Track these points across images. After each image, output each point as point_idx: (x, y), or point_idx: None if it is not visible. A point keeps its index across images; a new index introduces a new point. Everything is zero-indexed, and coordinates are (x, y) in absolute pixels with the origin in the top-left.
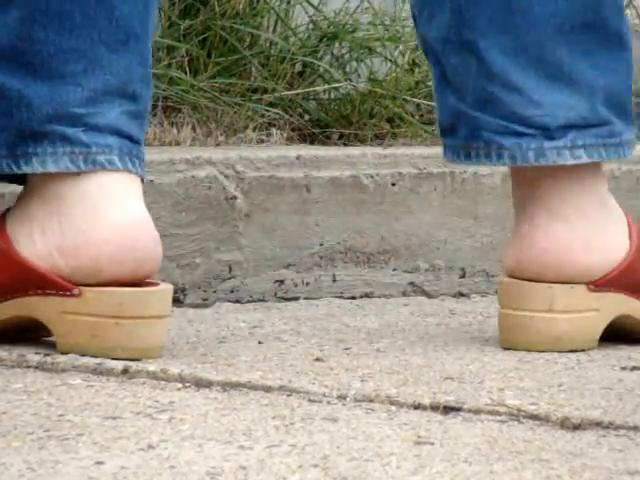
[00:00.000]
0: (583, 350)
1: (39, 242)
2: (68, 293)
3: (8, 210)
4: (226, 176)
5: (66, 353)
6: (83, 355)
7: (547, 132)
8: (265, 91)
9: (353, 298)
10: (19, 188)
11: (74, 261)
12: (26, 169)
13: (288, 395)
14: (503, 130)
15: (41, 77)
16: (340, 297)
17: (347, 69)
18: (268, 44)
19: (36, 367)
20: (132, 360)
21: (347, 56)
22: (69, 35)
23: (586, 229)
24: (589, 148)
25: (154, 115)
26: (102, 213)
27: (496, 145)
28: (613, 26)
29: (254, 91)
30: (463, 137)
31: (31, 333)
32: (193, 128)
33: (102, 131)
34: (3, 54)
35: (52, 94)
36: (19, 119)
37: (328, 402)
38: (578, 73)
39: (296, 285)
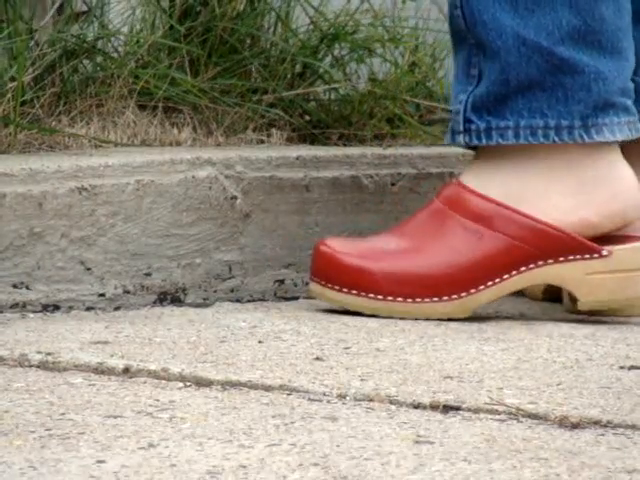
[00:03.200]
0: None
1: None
2: (596, 255)
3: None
4: (226, 176)
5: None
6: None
7: None
8: (265, 92)
9: None
10: (20, 188)
11: (606, 210)
12: (597, 138)
13: (288, 394)
14: None
15: (609, 53)
16: None
17: (347, 70)
18: (268, 45)
19: (37, 366)
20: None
21: (347, 57)
22: (620, 14)
23: None
24: None
25: (154, 115)
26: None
27: None
28: None
29: (254, 92)
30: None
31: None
32: (194, 128)
33: (631, 104)
34: (577, 33)
35: (617, 69)
36: (596, 92)
37: (328, 401)
38: None
39: (296, 285)
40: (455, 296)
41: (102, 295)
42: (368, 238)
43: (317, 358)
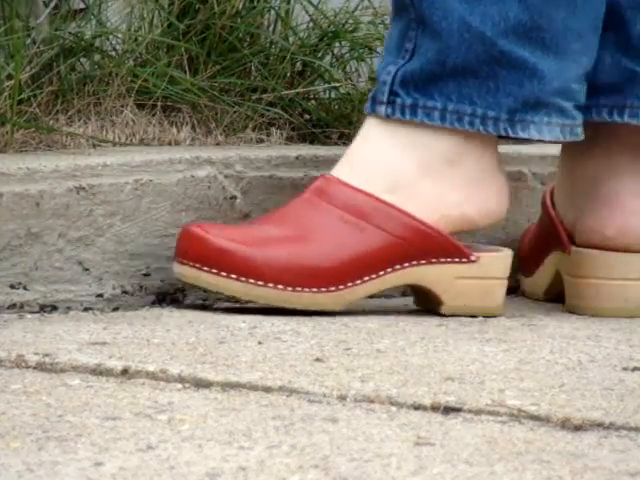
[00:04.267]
0: None
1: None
2: (465, 260)
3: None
4: (226, 176)
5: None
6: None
7: None
8: (265, 91)
9: None
10: (17, 188)
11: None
12: (522, 134)
13: (288, 395)
14: None
15: (552, 53)
16: None
17: (347, 68)
18: (268, 43)
19: (35, 367)
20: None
21: (347, 55)
22: (575, 16)
23: None
24: None
25: (153, 114)
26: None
27: None
28: None
29: (254, 90)
30: (630, 96)
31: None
32: (193, 127)
33: (580, 108)
34: (521, 28)
35: (559, 69)
36: (529, 89)
37: (328, 402)
38: None
39: None
40: (333, 288)
41: (100, 296)
42: (239, 225)
43: (317, 359)
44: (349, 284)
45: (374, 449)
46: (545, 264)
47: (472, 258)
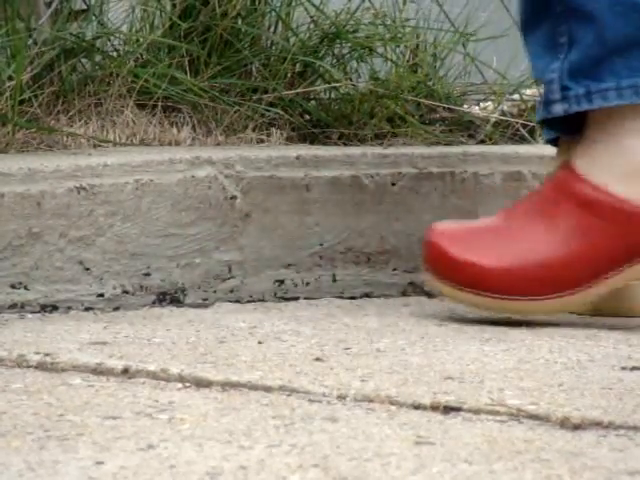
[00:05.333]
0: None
1: None
2: None
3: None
4: (226, 176)
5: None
6: None
7: None
8: (265, 91)
9: (353, 298)
10: (18, 188)
11: None
12: None
13: (288, 395)
14: None
15: None
16: (340, 297)
17: (348, 69)
18: (269, 44)
19: (36, 367)
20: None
21: (348, 56)
22: None
23: None
24: None
25: (154, 115)
26: None
27: None
28: None
29: (254, 91)
30: None
31: None
32: (193, 128)
33: None
34: None
35: None
36: None
37: (328, 402)
38: None
39: (296, 285)
40: (573, 290)
41: (101, 295)
42: (478, 224)
43: (317, 359)
44: (584, 285)
45: (374, 448)
46: None
47: None
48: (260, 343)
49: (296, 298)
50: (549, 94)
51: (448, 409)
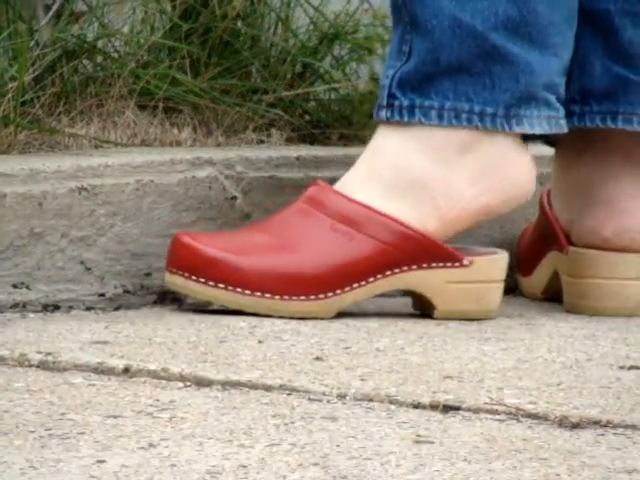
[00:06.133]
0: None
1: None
2: (457, 264)
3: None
4: (226, 176)
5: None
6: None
7: None
8: (265, 92)
9: None
10: (20, 189)
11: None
12: (517, 129)
13: (288, 394)
14: None
15: (538, 47)
16: None
17: (347, 70)
18: (269, 45)
19: (37, 366)
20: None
21: (347, 57)
22: (553, 9)
23: None
24: None
25: (154, 116)
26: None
27: None
28: None
29: (254, 92)
30: (623, 102)
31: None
32: (194, 128)
33: (562, 101)
34: (511, 23)
35: (544, 63)
36: (523, 83)
37: (328, 401)
38: None
39: None
40: (322, 296)
41: (102, 295)
42: (229, 233)
43: (317, 358)
44: (338, 291)
45: (373, 447)
46: (543, 264)
47: (465, 262)
48: (260, 342)
49: None
50: (380, 98)
51: (447, 408)
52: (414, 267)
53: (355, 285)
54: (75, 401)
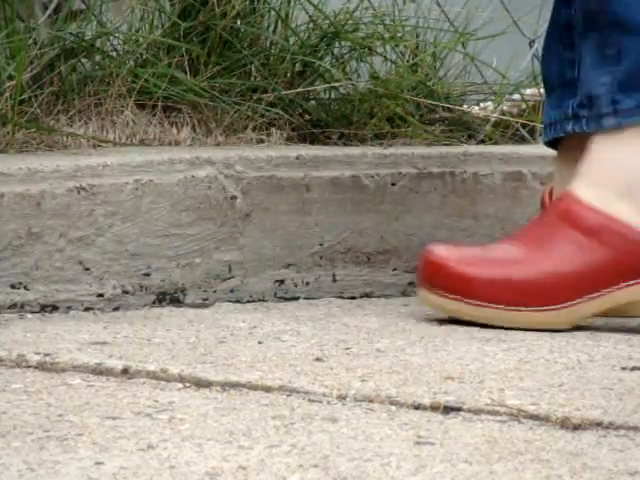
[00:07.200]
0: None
1: None
2: None
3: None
4: (226, 176)
5: None
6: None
7: None
8: (265, 91)
9: (353, 298)
10: (18, 188)
11: None
12: None
13: (288, 395)
14: None
15: None
16: (340, 297)
17: (347, 69)
18: (268, 44)
19: (36, 367)
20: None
21: (347, 56)
22: None
23: None
24: None
25: (153, 115)
26: None
27: None
28: None
29: (254, 91)
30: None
31: None
32: (193, 128)
33: None
34: None
35: None
36: None
37: (328, 402)
38: None
39: (296, 285)
40: (558, 305)
41: (101, 295)
42: (477, 246)
43: (317, 359)
44: (576, 301)
45: (374, 448)
46: None
47: None
48: (260, 343)
49: (296, 298)
50: (598, 108)
51: (448, 409)
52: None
53: (594, 295)
54: (73, 402)
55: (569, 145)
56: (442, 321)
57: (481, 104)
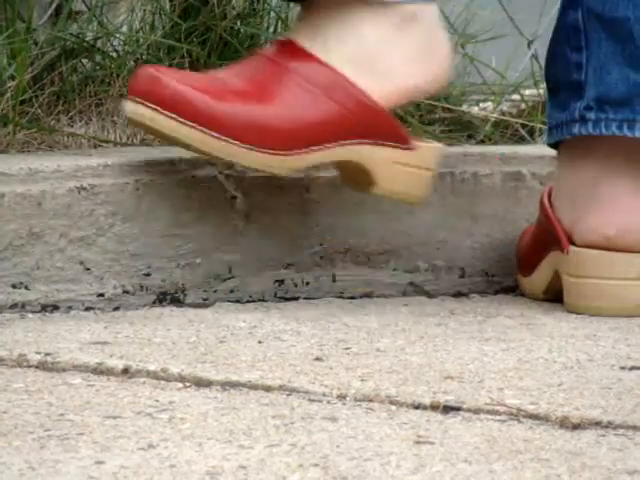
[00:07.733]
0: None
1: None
2: (405, 146)
3: None
4: (226, 176)
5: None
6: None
7: None
8: None
9: (353, 298)
10: (18, 188)
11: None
12: None
13: (288, 395)
14: None
15: None
16: (340, 297)
17: None
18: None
19: (36, 366)
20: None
21: None
22: None
23: None
24: None
25: None
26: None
27: None
28: None
29: None
30: (639, 110)
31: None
32: None
33: None
34: None
35: None
36: None
37: (328, 402)
38: None
39: (296, 285)
40: (283, 152)
41: (101, 295)
42: (197, 73)
43: (317, 358)
44: (296, 150)
45: (374, 448)
46: (543, 264)
47: (412, 146)
48: (260, 343)
49: (296, 298)
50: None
51: (448, 409)
52: (369, 141)
53: (314, 148)
54: (74, 402)
55: (570, 145)
56: (442, 321)
57: (481, 104)
